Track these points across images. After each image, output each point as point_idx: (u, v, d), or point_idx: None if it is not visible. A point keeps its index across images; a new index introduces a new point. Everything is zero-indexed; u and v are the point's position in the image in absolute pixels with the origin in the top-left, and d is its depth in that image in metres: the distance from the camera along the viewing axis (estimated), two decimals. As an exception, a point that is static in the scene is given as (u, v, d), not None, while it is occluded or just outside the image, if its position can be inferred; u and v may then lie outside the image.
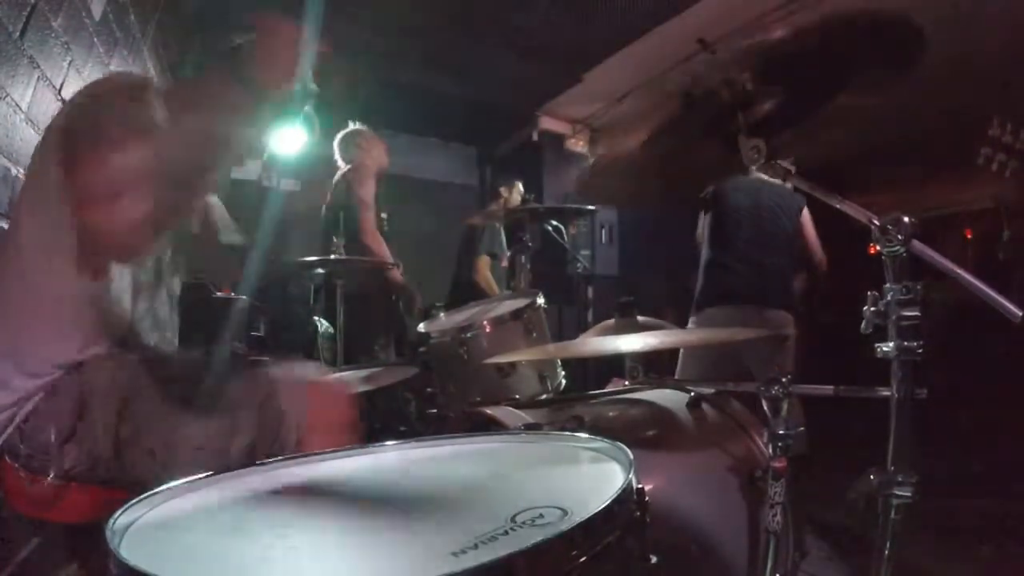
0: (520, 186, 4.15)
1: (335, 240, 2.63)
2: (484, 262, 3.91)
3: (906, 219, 0.87)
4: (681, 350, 2.57)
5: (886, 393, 0.93)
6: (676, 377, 2.53)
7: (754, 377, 2.38)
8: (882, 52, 0.97)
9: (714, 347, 2.55)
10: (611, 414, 1.39)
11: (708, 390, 1.34)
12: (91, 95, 1.17)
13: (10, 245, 1.20)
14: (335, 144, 3.55)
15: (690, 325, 2.72)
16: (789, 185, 2.56)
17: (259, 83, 1.13)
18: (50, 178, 1.14)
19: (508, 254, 3.97)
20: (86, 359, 1.17)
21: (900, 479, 0.89)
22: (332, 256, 2.63)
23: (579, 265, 4.31)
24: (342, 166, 3.50)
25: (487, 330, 1.77)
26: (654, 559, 0.65)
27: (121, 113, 1.10)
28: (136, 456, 1.12)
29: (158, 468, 1.12)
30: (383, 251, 3.22)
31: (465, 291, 3.72)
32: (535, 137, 5.53)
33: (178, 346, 1.47)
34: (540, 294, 1.91)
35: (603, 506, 0.56)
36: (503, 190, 4.19)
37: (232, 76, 1.13)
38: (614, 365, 1.60)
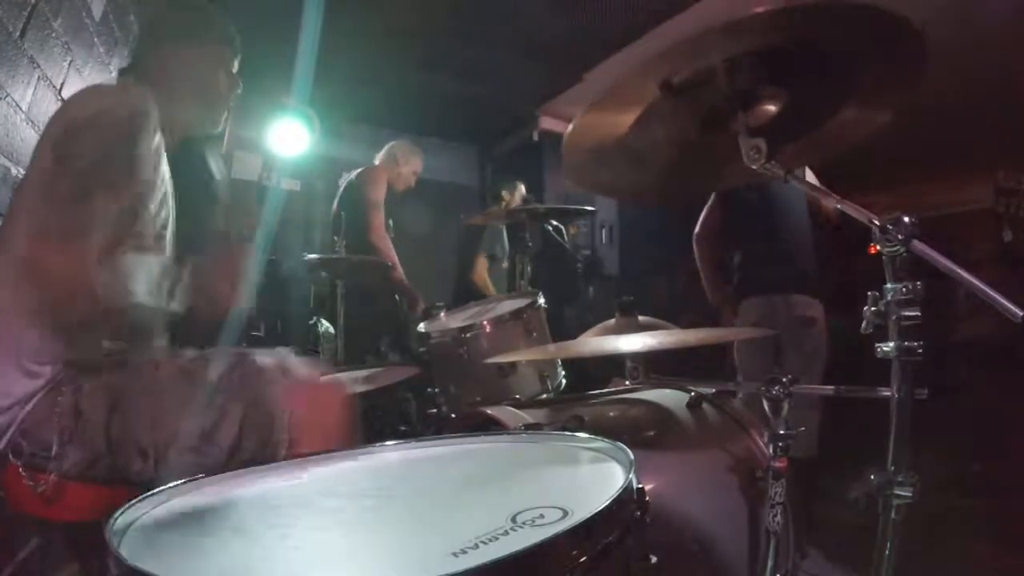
0: (523, 188, 4.14)
1: (336, 240, 2.63)
2: (482, 263, 3.90)
3: (906, 219, 0.87)
4: (735, 346, 2.69)
5: (886, 393, 0.93)
6: (739, 370, 2.68)
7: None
8: (883, 56, 0.97)
9: (753, 338, 2.61)
10: (611, 414, 1.39)
11: (708, 390, 1.34)
12: (93, 117, 1.17)
13: (4, 245, 1.20)
14: (384, 151, 3.55)
15: (737, 321, 2.77)
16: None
17: None
18: (45, 180, 1.15)
19: (507, 254, 3.96)
20: (82, 358, 1.18)
21: (900, 479, 0.89)
22: (333, 255, 2.63)
23: (579, 265, 4.31)
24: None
25: (487, 330, 1.77)
26: (654, 559, 0.65)
27: (119, 151, 1.15)
28: (129, 453, 1.13)
29: (150, 464, 1.13)
30: (389, 251, 3.23)
31: (465, 291, 3.72)
32: (535, 137, 5.52)
33: (176, 346, 1.47)
34: (540, 294, 1.91)
35: (603, 506, 0.56)
36: (505, 193, 4.18)
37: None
38: (614, 365, 1.60)
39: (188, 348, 1.41)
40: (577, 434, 0.87)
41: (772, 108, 1.07)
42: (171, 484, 0.76)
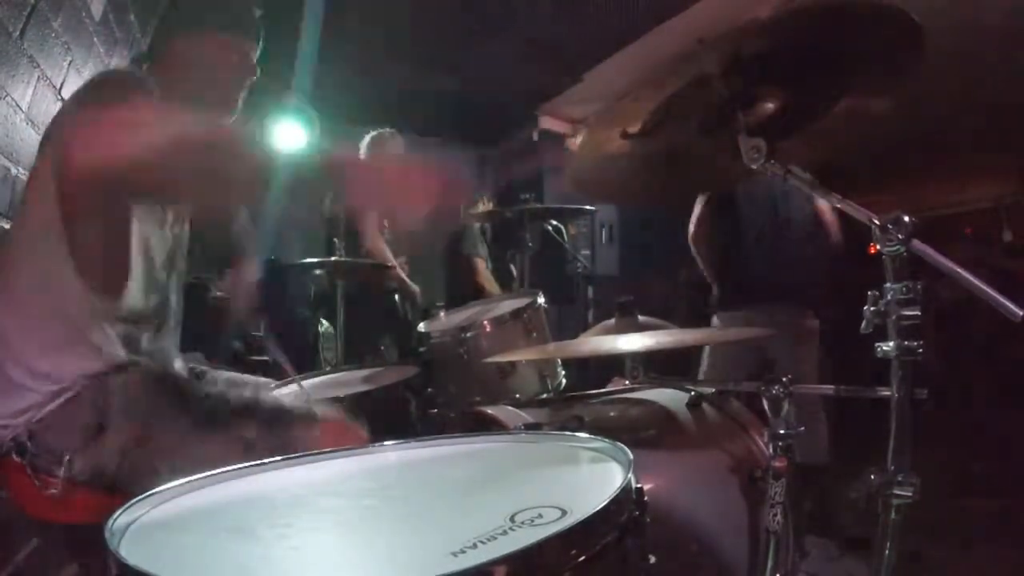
0: (486, 199, 4.14)
1: (336, 241, 2.63)
2: (479, 263, 3.87)
3: (906, 218, 0.87)
4: (706, 349, 2.55)
5: (886, 393, 0.93)
6: (702, 375, 2.55)
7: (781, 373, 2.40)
8: (880, 47, 0.97)
9: (736, 345, 2.51)
10: (611, 414, 1.39)
11: (708, 390, 1.34)
12: (87, 90, 1.19)
13: (14, 249, 1.20)
14: (364, 144, 3.53)
15: (714, 323, 2.66)
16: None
17: None
18: (47, 179, 1.15)
19: (486, 258, 3.91)
20: (108, 371, 1.17)
21: (900, 479, 0.89)
22: (333, 257, 2.63)
23: (579, 265, 4.31)
24: None
25: (487, 330, 1.77)
26: (653, 559, 0.65)
27: (120, 96, 1.13)
28: (141, 474, 1.12)
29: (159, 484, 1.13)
30: (384, 252, 3.22)
31: (463, 291, 3.70)
32: (535, 137, 5.53)
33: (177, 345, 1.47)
34: (540, 294, 1.91)
35: (602, 506, 0.56)
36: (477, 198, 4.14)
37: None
38: (614, 365, 1.60)
39: (194, 353, 1.41)
40: (577, 434, 0.87)
41: (770, 105, 1.07)
42: (170, 484, 0.76)
